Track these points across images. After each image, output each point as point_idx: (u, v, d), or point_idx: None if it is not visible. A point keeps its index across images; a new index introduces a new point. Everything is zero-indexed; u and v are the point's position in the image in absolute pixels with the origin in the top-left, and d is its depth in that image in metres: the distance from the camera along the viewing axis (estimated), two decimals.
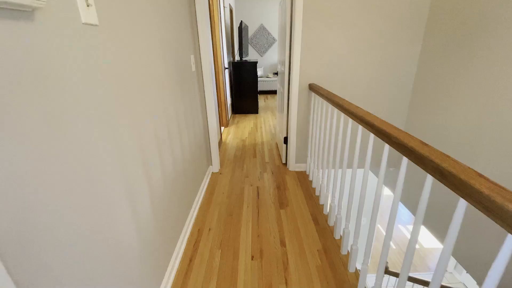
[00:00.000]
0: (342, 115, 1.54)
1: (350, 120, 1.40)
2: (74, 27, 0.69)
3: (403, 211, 5.85)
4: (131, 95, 0.98)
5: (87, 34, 0.74)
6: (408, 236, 5.38)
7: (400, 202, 5.18)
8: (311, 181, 2.36)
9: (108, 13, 0.84)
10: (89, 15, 0.75)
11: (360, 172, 3.24)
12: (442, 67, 2.07)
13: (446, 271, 4.65)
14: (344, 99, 1.53)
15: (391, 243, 5.25)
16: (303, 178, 2.44)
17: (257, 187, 2.29)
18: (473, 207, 1.46)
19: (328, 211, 1.89)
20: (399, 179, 0.90)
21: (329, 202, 1.94)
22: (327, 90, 1.86)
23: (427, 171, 0.75)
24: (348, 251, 1.54)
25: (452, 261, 4.50)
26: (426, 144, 0.77)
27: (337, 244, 1.61)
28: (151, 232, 1.14)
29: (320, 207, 1.98)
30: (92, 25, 0.76)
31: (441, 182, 0.71)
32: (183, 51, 1.74)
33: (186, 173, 1.73)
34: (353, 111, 1.28)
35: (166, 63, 1.40)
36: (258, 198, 2.12)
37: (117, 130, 0.87)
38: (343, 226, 1.92)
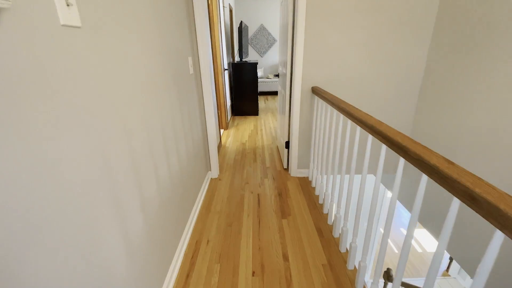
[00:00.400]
0: (349, 121, 1.45)
1: (358, 128, 1.31)
2: (50, 30, 0.60)
3: (405, 215, 5.77)
4: (120, 102, 0.89)
5: (67, 37, 0.65)
6: None
7: (402, 206, 5.07)
8: (314, 188, 2.27)
9: (93, 13, 0.75)
10: (69, 16, 0.66)
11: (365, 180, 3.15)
12: (451, 69, 1.98)
13: (450, 276, 4.57)
14: (351, 105, 1.44)
15: (393, 247, 5.16)
16: (305, 184, 2.35)
17: (258, 194, 2.20)
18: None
19: (332, 221, 1.80)
20: (416, 200, 0.81)
21: (334, 212, 1.85)
22: (332, 95, 1.77)
23: (453, 194, 0.66)
24: (355, 266, 1.45)
25: (456, 266, 4.42)
26: (451, 162, 0.68)
27: (343, 258, 1.52)
28: (144, 249, 1.05)
29: (324, 217, 1.89)
30: (73, 27, 0.67)
31: (470, 207, 0.62)
32: (180, 53, 1.65)
33: (184, 181, 1.64)
34: (362, 118, 1.19)
35: (162, 66, 1.31)
36: (259, 206, 2.03)
37: (104, 140, 0.78)
38: (349, 240, 1.82)
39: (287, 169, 2.65)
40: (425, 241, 5.05)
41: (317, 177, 2.16)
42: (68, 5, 0.66)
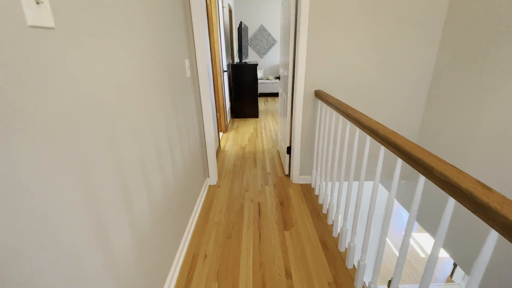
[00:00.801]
0: (358, 130, 1.35)
1: (368, 138, 1.21)
2: (14, 32, 0.50)
3: (406, 217, 5.67)
4: (105, 110, 0.78)
5: (36, 40, 0.55)
6: (412, 243, 5.21)
7: (403, 209, 4.98)
8: (317, 196, 2.17)
9: (71, 12, 0.65)
10: (39, 16, 0.56)
11: (370, 188, 3.05)
12: (460, 72, 1.89)
13: (454, 282, 4.47)
14: (359, 112, 1.34)
15: (395, 251, 5.07)
16: (308, 192, 2.25)
17: (258, 203, 2.10)
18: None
19: (338, 233, 1.70)
20: (441, 226, 0.71)
21: (339, 225, 1.75)
22: (337, 99, 1.67)
23: (490, 225, 0.57)
24: (363, 285, 1.35)
25: (460, 273, 4.33)
26: (488, 188, 0.58)
27: (350, 275, 1.42)
28: (133, 270, 0.95)
29: (329, 228, 1.79)
30: (44, 28, 0.57)
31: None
32: (176, 56, 1.55)
33: (180, 190, 1.54)
34: (373, 128, 1.09)
35: (155, 70, 1.21)
36: (259, 216, 1.93)
37: (84, 152, 0.68)
38: (357, 257, 1.72)
39: (288, 175, 2.55)
40: (428, 246, 4.96)
41: (320, 185, 2.06)
42: (37, 3, 0.56)
